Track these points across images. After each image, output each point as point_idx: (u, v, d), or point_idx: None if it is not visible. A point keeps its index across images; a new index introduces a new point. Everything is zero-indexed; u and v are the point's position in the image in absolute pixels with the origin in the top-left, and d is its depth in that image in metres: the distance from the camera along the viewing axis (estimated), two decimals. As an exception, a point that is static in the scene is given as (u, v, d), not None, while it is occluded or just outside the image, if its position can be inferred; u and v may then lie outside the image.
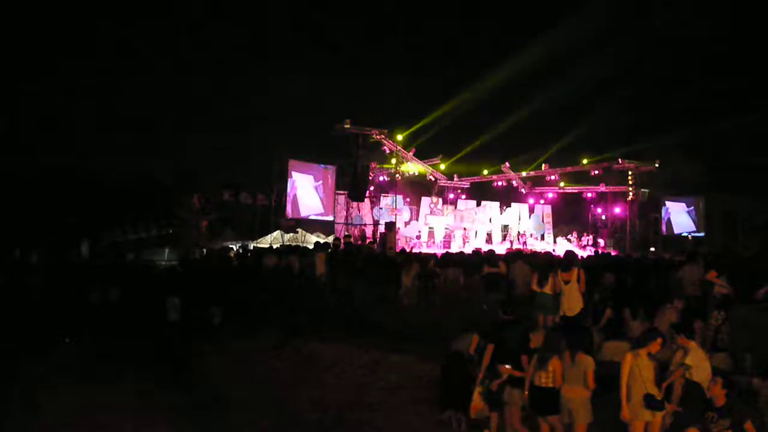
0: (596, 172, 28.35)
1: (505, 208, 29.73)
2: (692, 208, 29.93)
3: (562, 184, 30.22)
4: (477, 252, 15.07)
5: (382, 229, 23.45)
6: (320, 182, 25.73)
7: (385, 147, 25.54)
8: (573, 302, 8.09)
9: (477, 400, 6.15)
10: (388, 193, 27.19)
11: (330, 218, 25.93)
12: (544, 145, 30.39)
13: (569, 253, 8.89)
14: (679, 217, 30.14)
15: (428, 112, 28.12)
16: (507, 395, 5.81)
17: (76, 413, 6.84)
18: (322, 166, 25.89)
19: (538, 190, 30.78)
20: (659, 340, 5.47)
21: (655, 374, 5.39)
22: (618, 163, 27.97)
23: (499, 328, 6.26)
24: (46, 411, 6.90)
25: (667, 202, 29.95)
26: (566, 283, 8.16)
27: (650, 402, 5.19)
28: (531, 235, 28.58)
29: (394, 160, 26.33)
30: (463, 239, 27.11)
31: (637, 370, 5.27)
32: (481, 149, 30.24)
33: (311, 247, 14.49)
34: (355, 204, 25.27)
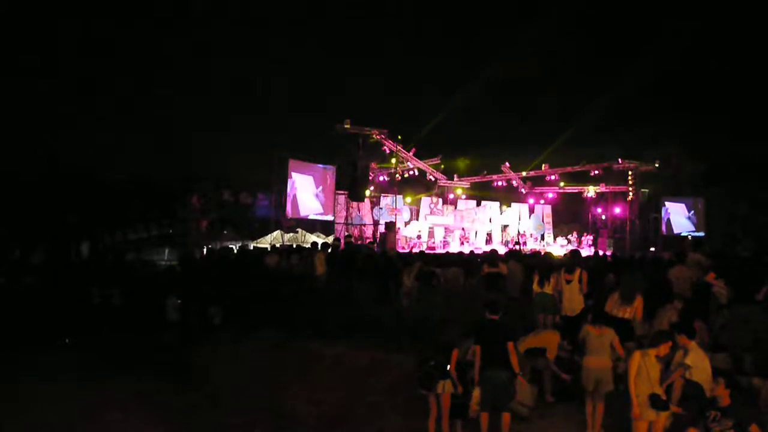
0: (596, 172, 28.35)
1: (505, 208, 29.74)
2: (692, 211, 29.93)
3: (561, 184, 30.21)
4: (475, 252, 15.06)
5: (382, 229, 23.46)
6: (320, 183, 25.73)
7: (385, 147, 25.54)
8: (574, 302, 8.09)
9: (476, 400, 6.18)
10: (388, 193, 27.20)
11: (330, 218, 25.93)
12: (544, 145, 30.39)
13: (574, 253, 8.89)
14: (679, 218, 30.13)
15: (428, 112, 28.17)
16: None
17: (76, 413, 6.84)
18: (322, 166, 25.88)
19: (538, 190, 30.78)
20: (670, 342, 5.52)
21: (660, 375, 5.42)
22: (618, 163, 27.96)
23: (482, 328, 6.29)
24: (46, 411, 6.90)
25: (667, 202, 29.95)
26: (568, 282, 8.16)
27: (656, 402, 5.21)
28: (531, 235, 28.59)
29: (393, 160, 26.33)
30: (461, 239, 27.09)
31: (645, 369, 5.30)
32: (480, 149, 30.28)
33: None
34: (355, 204, 25.27)
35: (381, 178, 27.61)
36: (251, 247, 20.06)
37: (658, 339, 5.58)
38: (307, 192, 25.17)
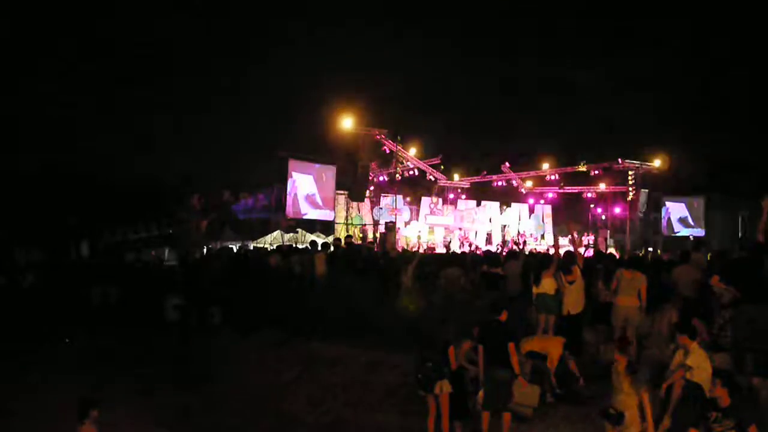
0: (596, 172, 28.33)
1: (505, 208, 29.72)
2: (692, 211, 29.90)
3: (562, 183, 30.19)
4: (474, 252, 15.06)
5: (382, 229, 23.45)
6: (320, 182, 25.71)
7: (385, 147, 25.53)
8: (575, 302, 8.07)
9: (481, 401, 6.19)
10: (388, 193, 27.18)
11: (330, 218, 25.91)
12: (544, 145, 30.41)
13: (569, 253, 8.85)
14: (679, 217, 30.13)
15: (429, 112, 28.16)
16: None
17: (76, 413, 6.83)
18: (322, 165, 25.85)
19: (538, 190, 30.75)
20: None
21: (622, 383, 5.42)
22: (618, 163, 27.97)
23: (485, 328, 6.31)
24: (46, 411, 6.89)
25: (667, 202, 29.93)
26: (570, 283, 8.14)
27: (609, 416, 5.24)
28: (531, 235, 28.55)
29: (394, 160, 26.32)
30: (461, 240, 27.07)
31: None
32: (480, 149, 30.31)
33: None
34: (355, 204, 25.24)
35: (381, 178, 27.60)
36: (251, 247, 20.04)
37: (621, 345, 5.63)
38: (307, 191, 25.15)
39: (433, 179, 29.36)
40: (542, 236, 29.17)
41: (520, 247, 24.87)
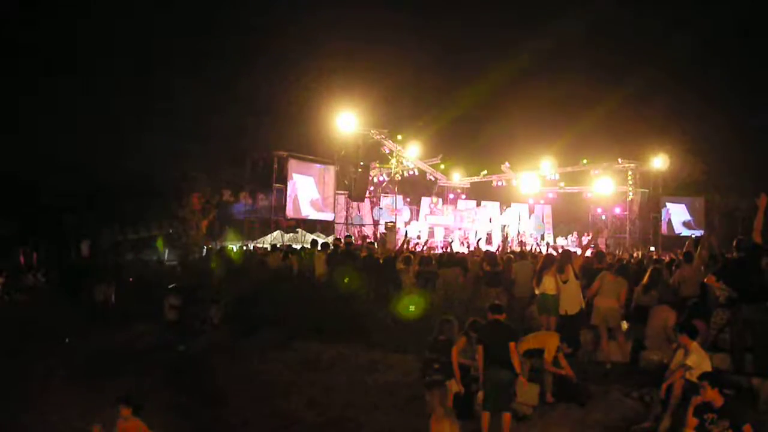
0: (596, 172, 28.31)
1: (505, 208, 29.70)
2: (692, 212, 29.87)
3: (562, 184, 30.16)
4: (473, 252, 15.01)
5: (382, 229, 23.44)
6: (320, 183, 25.70)
7: (385, 147, 25.51)
8: (572, 301, 8.07)
9: (480, 401, 6.20)
10: (388, 193, 27.17)
11: (330, 218, 25.90)
12: (544, 145, 30.35)
13: (565, 253, 8.85)
14: (679, 217, 30.10)
15: (429, 112, 28.17)
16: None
17: (75, 413, 6.84)
18: (322, 165, 25.84)
19: (538, 190, 30.72)
20: None
21: None
22: (618, 163, 27.94)
23: (485, 328, 6.32)
24: (46, 410, 6.90)
25: (667, 203, 29.90)
26: (564, 282, 8.15)
27: None
28: (531, 235, 28.52)
29: (394, 160, 26.30)
30: (461, 240, 27.05)
31: None
32: (481, 149, 30.31)
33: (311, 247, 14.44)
34: (355, 204, 25.23)
35: (381, 178, 27.57)
36: (251, 247, 20.02)
37: None
38: (307, 191, 25.15)
39: (433, 179, 29.33)
40: (542, 236, 29.14)
41: (524, 248, 24.84)
